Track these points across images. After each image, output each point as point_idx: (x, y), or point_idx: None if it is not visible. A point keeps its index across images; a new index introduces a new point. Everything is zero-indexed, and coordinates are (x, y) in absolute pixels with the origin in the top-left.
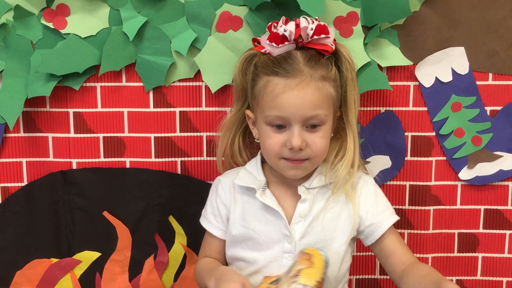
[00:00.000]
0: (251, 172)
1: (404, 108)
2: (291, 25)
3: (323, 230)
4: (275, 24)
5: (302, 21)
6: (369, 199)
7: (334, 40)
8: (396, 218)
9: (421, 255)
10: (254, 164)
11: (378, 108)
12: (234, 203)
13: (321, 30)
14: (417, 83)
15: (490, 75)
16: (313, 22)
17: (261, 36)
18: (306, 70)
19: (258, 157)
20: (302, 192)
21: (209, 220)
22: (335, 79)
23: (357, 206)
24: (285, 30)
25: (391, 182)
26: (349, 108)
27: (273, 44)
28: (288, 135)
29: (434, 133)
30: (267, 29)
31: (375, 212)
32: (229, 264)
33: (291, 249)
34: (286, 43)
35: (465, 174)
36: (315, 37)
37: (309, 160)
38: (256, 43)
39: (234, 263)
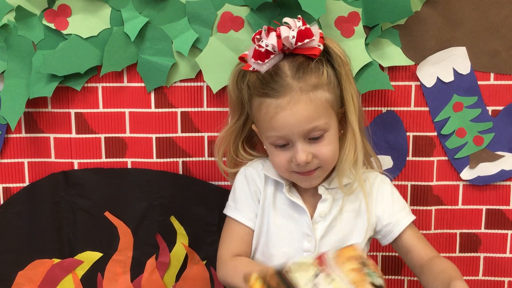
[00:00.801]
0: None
1: (405, 108)
2: (272, 38)
3: (341, 230)
4: (258, 36)
5: (283, 30)
6: (385, 199)
7: (322, 37)
8: (413, 217)
9: None
10: None
11: (379, 108)
12: (264, 193)
13: (303, 35)
14: (418, 83)
15: (492, 75)
16: (295, 24)
17: (248, 51)
18: (295, 85)
19: None
20: (322, 192)
21: (243, 212)
22: (329, 82)
23: (373, 206)
24: (267, 45)
25: (393, 182)
26: (348, 106)
27: (259, 61)
28: (293, 151)
29: (435, 133)
30: (251, 41)
31: (392, 211)
32: None
33: (311, 248)
34: (272, 56)
35: (467, 174)
36: (299, 43)
37: (320, 168)
38: (245, 59)
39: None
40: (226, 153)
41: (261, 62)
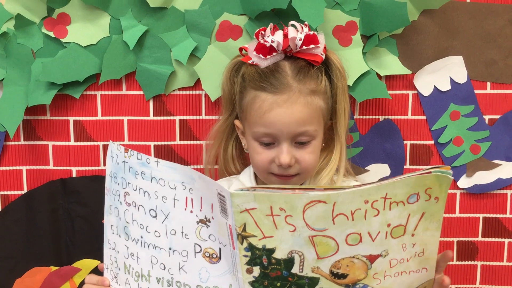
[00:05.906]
0: (244, 184)
1: (403, 117)
2: (279, 35)
3: None
4: (263, 32)
5: (291, 31)
6: None
7: (325, 47)
8: None
9: None
10: (247, 176)
11: (377, 117)
12: None
13: (310, 40)
14: (415, 91)
15: (488, 84)
16: (302, 29)
17: (248, 45)
18: (295, 85)
19: (251, 168)
20: None
21: None
22: (325, 91)
23: None
24: (272, 41)
25: None
26: (339, 119)
27: (260, 55)
28: (277, 151)
29: (432, 142)
30: (254, 36)
31: None
32: None
33: None
34: (274, 53)
35: (464, 182)
36: (304, 47)
37: (298, 175)
38: (244, 51)
39: None
40: (216, 159)
41: (262, 57)
